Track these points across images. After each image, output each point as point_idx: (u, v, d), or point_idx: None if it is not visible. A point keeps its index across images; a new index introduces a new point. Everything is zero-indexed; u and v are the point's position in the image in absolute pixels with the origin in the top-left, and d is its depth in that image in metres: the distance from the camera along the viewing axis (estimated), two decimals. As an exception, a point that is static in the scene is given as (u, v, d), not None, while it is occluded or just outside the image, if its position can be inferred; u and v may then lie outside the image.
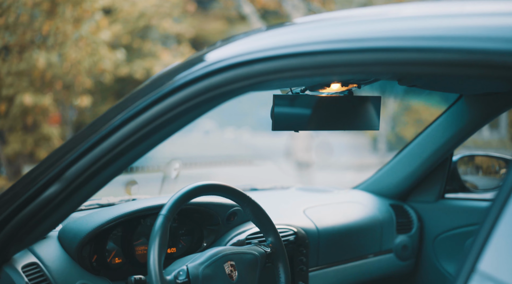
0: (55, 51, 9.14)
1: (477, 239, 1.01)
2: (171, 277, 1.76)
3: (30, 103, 8.83)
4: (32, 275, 1.72)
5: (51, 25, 9.08)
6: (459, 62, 1.14)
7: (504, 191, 1.01)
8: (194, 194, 1.85)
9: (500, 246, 0.99)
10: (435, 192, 2.69)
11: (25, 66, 9.04)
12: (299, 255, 2.31)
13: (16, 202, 1.67)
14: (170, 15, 12.85)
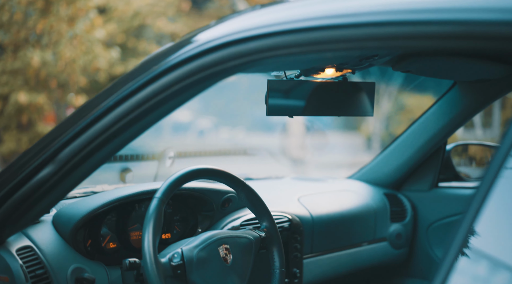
0: (49, 49, 9.13)
1: (462, 224, 1.02)
2: (166, 259, 1.76)
3: (25, 102, 8.82)
4: (26, 258, 1.72)
5: (45, 24, 9.07)
6: (453, 35, 1.14)
7: (488, 177, 1.02)
8: (188, 177, 1.85)
9: (483, 230, 1.00)
10: (429, 180, 2.69)
11: (20, 65, 9.03)
12: (293, 242, 2.31)
13: (10, 184, 1.67)
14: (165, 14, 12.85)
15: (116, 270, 1.91)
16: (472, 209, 1.01)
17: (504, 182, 1.00)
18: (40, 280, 1.72)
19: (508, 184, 1.00)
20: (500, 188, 1.00)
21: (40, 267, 1.73)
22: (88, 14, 9.50)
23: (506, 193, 1.01)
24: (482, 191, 1.01)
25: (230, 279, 1.83)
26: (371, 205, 2.64)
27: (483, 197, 1.01)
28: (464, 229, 1.02)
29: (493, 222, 1.02)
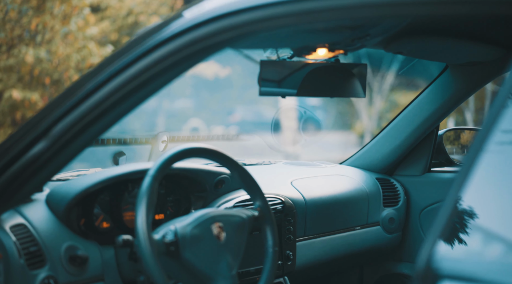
0: (43, 47, 9.12)
1: (443, 207, 1.04)
2: (159, 236, 1.77)
3: (19, 99, 8.80)
4: (20, 235, 1.73)
5: (39, 21, 9.07)
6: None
7: (468, 161, 1.04)
8: (182, 155, 1.85)
9: (464, 214, 1.03)
10: (421, 165, 2.71)
11: (14, 62, 9.02)
12: (286, 224, 2.32)
13: (3, 160, 1.67)
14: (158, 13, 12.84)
15: (110, 249, 1.91)
16: (454, 188, 1.04)
17: (484, 164, 1.03)
18: (34, 257, 1.72)
19: (487, 165, 1.03)
20: (480, 169, 1.03)
21: (34, 245, 1.74)
22: (82, 11, 9.49)
23: (486, 174, 1.03)
24: (463, 172, 1.04)
25: (224, 256, 1.83)
26: (364, 189, 2.65)
27: (464, 178, 1.03)
28: (448, 208, 1.04)
29: (476, 197, 1.04)
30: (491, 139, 1.03)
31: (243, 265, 2.16)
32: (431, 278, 1.02)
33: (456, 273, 1.01)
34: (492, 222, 1.04)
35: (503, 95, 1.03)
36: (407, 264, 2.74)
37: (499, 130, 1.03)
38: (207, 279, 1.81)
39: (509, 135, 1.03)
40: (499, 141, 1.03)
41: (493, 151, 1.03)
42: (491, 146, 1.03)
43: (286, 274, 2.34)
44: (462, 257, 1.04)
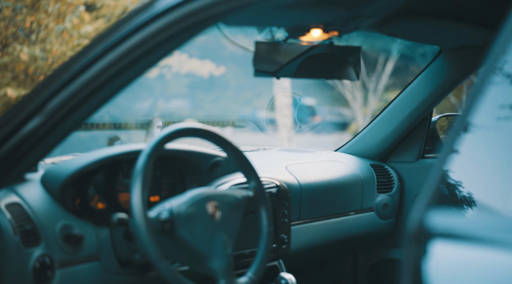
0: (38, 45, 9.11)
1: (434, 169, 1.06)
2: (154, 214, 1.77)
3: (13, 97, 8.79)
4: (14, 213, 1.73)
5: (34, 19, 9.06)
6: None
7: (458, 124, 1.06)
8: (177, 135, 1.86)
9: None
10: (415, 152, 2.72)
11: (8, 60, 9.01)
12: (281, 208, 2.33)
13: None
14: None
15: (105, 229, 1.91)
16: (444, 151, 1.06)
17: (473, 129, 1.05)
18: (29, 235, 1.73)
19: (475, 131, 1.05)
20: (469, 135, 1.05)
21: (29, 223, 1.74)
22: (77, 9, 9.48)
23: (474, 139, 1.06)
24: (452, 136, 1.06)
25: (219, 235, 1.84)
26: (358, 175, 2.67)
27: (453, 142, 1.05)
28: (438, 170, 1.06)
29: (465, 160, 1.07)
30: (479, 107, 1.05)
31: (238, 247, 2.16)
32: (423, 237, 1.03)
33: (447, 231, 1.02)
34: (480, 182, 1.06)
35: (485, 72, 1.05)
36: (401, 250, 2.75)
37: (486, 101, 1.05)
38: (202, 257, 1.82)
39: (498, 108, 1.05)
40: (489, 111, 1.05)
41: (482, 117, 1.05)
42: (480, 112, 1.05)
43: (281, 257, 2.35)
44: (452, 216, 1.05)
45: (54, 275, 1.75)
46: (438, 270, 1.00)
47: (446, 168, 1.05)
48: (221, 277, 1.81)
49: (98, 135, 2.15)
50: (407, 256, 1.04)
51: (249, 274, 1.90)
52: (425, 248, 1.02)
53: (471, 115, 1.05)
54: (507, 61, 1.06)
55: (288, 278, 2.18)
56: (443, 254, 1.01)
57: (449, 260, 1.00)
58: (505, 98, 1.05)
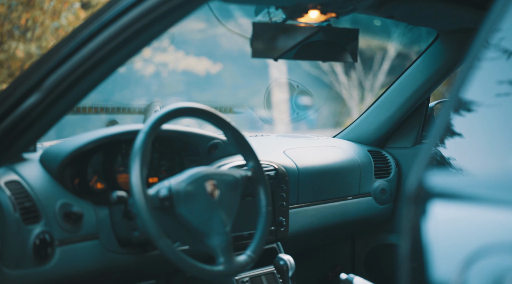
0: (33, 42, 9.10)
1: (433, 131, 1.08)
2: (154, 192, 1.78)
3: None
4: (14, 190, 1.73)
5: (29, 17, 9.05)
6: None
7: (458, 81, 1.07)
8: (175, 114, 1.87)
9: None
10: (413, 137, 2.73)
11: (4, 57, 9.00)
12: (279, 191, 2.34)
13: None
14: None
15: (104, 209, 1.92)
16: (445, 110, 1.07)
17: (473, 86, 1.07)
18: (29, 212, 1.73)
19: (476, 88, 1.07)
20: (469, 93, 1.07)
21: (28, 200, 1.74)
22: (73, 6, 9.47)
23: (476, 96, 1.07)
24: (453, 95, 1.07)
25: (217, 213, 1.85)
26: (356, 160, 2.67)
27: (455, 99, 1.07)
28: (437, 131, 1.08)
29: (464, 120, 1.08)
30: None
31: (236, 229, 2.17)
32: (422, 197, 1.04)
33: (445, 191, 1.03)
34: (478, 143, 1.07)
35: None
36: (399, 235, 2.76)
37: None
38: (201, 235, 1.82)
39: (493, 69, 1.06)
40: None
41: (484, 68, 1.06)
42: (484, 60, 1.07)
43: (279, 240, 2.35)
44: (450, 177, 1.06)
45: (54, 253, 1.76)
46: (437, 230, 1.01)
47: (444, 129, 1.06)
48: (220, 254, 1.82)
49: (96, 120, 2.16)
50: (406, 217, 1.05)
51: (248, 253, 1.91)
52: (424, 208, 1.03)
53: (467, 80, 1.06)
54: (500, 38, 1.07)
55: (287, 259, 2.19)
56: (442, 214, 1.02)
57: (448, 219, 1.01)
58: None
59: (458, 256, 0.94)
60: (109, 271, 1.91)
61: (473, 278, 0.92)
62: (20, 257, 1.69)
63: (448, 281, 0.95)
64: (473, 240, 0.95)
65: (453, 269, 0.94)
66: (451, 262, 0.96)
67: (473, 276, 0.92)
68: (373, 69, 13.20)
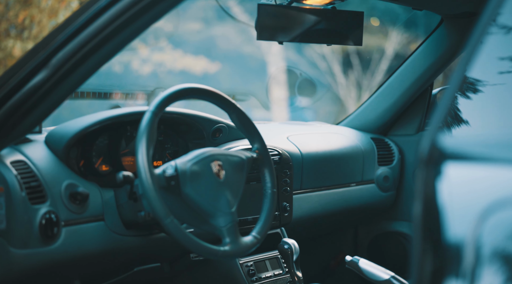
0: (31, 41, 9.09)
1: (445, 93, 1.08)
2: (160, 171, 1.77)
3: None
4: (20, 170, 1.73)
5: (27, 15, 9.04)
6: None
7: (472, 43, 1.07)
8: (181, 94, 1.86)
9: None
10: (416, 124, 2.73)
11: (1, 55, 8.98)
12: (283, 176, 2.33)
13: (3, 91, 1.67)
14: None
15: (109, 191, 1.91)
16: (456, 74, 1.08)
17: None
18: (35, 192, 1.73)
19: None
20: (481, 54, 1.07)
21: (34, 180, 1.74)
22: (70, 5, 9.46)
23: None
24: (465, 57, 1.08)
25: (223, 194, 1.84)
26: (359, 147, 2.67)
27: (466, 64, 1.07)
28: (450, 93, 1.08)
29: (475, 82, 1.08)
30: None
31: (241, 214, 2.17)
32: (435, 160, 1.03)
33: (458, 153, 1.03)
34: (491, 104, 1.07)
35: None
36: (402, 223, 2.76)
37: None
38: (207, 215, 1.81)
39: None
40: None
41: None
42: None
43: (283, 225, 2.35)
44: (464, 139, 1.06)
45: (60, 233, 1.76)
46: (451, 190, 1.00)
47: (457, 91, 1.06)
48: (226, 235, 1.81)
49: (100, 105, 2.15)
50: (419, 180, 1.05)
51: (254, 234, 1.90)
52: (438, 170, 1.03)
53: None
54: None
55: (291, 243, 2.18)
56: (456, 174, 1.01)
57: (462, 179, 1.01)
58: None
59: (473, 212, 0.94)
60: (114, 252, 1.90)
61: (488, 231, 0.92)
62: (26, 237, 1.69)
63: (464, 236, 0.94)
64: (487, 196, 0.95)
65: (468, 225, 0.94)
66: (466, 218, 0.95)
67: (488, 229, 0.92)
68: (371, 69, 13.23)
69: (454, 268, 0.97)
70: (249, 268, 2.20)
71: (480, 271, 0.93)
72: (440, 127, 1.07)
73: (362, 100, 10.85)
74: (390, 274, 1.93)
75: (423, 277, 1.00)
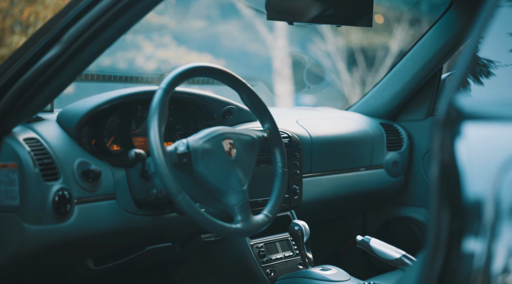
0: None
1: (461, 56, 1.09)
2: (172, 148, 1.77)
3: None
4: (33, 147, 1.73)
5: (31, 11, 9.05)
6: None
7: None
8: (193, 72, 1.86)
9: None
10: (425, 109, 2.73)
11: (7, 52, 8.99)
12: (292, 159, 2.34)
13: (16, 67, 1.68)
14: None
15: (121, 170, 1.92)
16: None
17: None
18: (48, 169, 1.73)
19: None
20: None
21: (47, 157, 1.74)
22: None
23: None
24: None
25: (235, 172, 1.84)
26: (368, 132, 2.67)
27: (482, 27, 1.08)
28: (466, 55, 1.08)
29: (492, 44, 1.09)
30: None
31: (251, 195, 2.17)
32: (453, 121, 1.04)
33: (476, 113, 1.03)
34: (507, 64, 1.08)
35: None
36: (411, 208, 2.76)
37: None
38: (219, 193, 1.82)
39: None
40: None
41: None
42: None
43: (293, 208, 2.35)
44: (480, 98, 1.06)
45: (73, 210, 1.76)
46: (470, 149, 1.01)
47: (475, 51, 1.07)
48: (237, 213, 1.81)
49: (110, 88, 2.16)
50: (436, 142, 1.05)
51: (265, 212, 1.90)
52: (455, 130, 1.03)
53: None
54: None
55: (302, 224, 2.18)
56: (473, 133, 1.02)
57: (479, 138, 1.01)
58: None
59: (492, 168, 0.95)
60: (126, 231, 1.90)
61: (507, 185, 0.92)
62: (40, 213, 1.69)
63: (483, 193, 0.95)
64: (505, 151, 0.96)
65: (487, 181, 0.95)
66: (485, 175, 0.96)
67: (507, 184, 0.92)
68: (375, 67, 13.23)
69: (473, 226, 0.97)
70: (260, 250, 2.21)
71: (500, 227, 0.94)
72: (457, 88, 1.07)
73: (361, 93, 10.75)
74: (401, 253, 1.93)
75: (440, 239, 1.00)
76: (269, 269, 2.19)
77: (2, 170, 1.72)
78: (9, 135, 1.74)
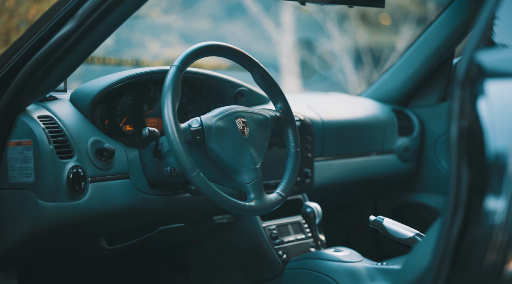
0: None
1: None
2: (185, 125, 1.77)
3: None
4: (48, 124, 1.74)
5: (38, 9, 9.08)
6: None
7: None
8: (206, 50, 1.86)
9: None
10: (436, 95, 2.72)
11: (14, 50, 9.02)
12: (304, 142, 2.33)
13: (30, 43, 1.68)
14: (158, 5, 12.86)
15: (134, 150, 1.91)
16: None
17: None
18: (62, 147, 1.73)
19: None
20: None
21: (61, 135, 1.75)
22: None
23: None
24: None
25: (248, 150, 1.83)
26: (379, 117, 2.67)
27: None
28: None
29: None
30: None
31: (264, 178, 2.16)
32: (473, 79, 1.03)
33: (498, 70, 1.03)
34: None
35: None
36: (422, 194, 2.75)
37: None
38: (232, 171, 1.81)
39: None
40: None
41: None
42: None
43: (305, 191, 2.35)
44: (502, 56, 1.06)
45: (87, 188, 1.76)
46: (491, 106, 1.00)
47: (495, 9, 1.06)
48: (251, 191, 1.81)
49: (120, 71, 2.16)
50: (456, 100, 1.04)
51: (278, 191, 1.89)
52: (476, 88, 1.03)
53: None
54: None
55: (314, 206, 2.18)
56: (494, 91, 1.01)
57: (501, 96, 1.00)
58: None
59: None
60: (139, 211, 1.90)
61: None
62: (54, 190, 1.70)
63: (506, 148, 0.94)
64: None
65: (510, 137, 0.94)
66: (508, 131, 0.95)
67: None
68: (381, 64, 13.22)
69: (495, 183, 0.96)
70: (272, 232, 2.20)
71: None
72: (477, 46, 1.06)
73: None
74: (415, 232, 1.92)
75: (460, 198, 0.99)
76: (282, 250, 2.19)
77: (16, 147, 1.72)
78: (23, 113, 1.75)
